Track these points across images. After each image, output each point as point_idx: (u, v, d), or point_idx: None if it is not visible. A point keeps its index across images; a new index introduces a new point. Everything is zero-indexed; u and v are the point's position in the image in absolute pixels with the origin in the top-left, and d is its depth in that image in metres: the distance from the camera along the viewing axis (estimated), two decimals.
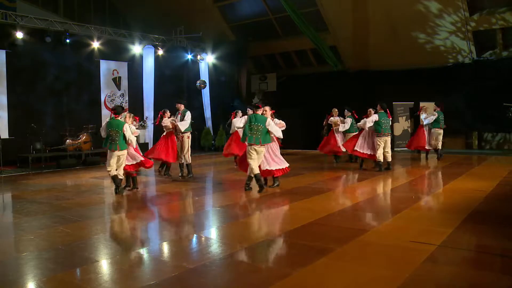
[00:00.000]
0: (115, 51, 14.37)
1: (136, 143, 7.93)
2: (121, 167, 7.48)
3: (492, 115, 14.08)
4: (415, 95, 14.91)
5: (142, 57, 15.06)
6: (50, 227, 5.27)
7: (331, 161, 12.18)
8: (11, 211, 6.62)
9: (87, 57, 13.58)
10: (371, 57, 16.19)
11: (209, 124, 17.37)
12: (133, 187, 7.94)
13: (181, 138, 9.35)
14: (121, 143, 7.34)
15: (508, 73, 13.53)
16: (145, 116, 14.15)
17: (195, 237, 4.95)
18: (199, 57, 16.60)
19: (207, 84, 16.25)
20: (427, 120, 12.24)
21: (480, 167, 10.92)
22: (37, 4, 14.90)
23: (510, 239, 4.56)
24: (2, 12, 11.70)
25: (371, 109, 10.23)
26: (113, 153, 7.33)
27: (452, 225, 5.00)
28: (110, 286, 3.48)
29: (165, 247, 4.58)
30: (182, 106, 9.44)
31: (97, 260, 4.11)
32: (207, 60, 17.15)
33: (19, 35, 11.75)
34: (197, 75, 16.81)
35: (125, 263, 4.07)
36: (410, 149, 13.30)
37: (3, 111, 11.85)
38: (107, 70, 14.36)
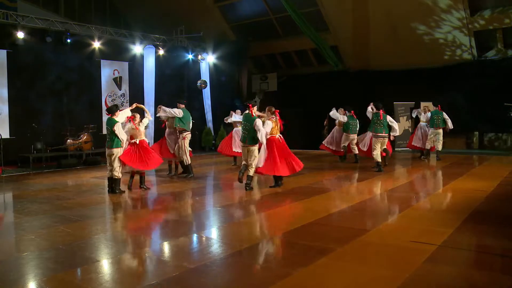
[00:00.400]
0: (116, 51, 14.37)
1: (126, 142, 7.68)
2: (116, 167, 7.43)
3: (492, 115, 14.08)
4: (416, 95, 14.90)
5: (142, 57, 15.05)
6: (50, 227, 5.27)
7: (332, 161, 12.22)
8: (12, 210, 6.63)
9: (88, 57, 13.57)
10: (372, 57, 16.20)
11: (210, 124, 17.37)
12: (141, 186, 7.94)
13: (181, 137, 9.32)
14: (114, 142, 7.40)
15: (509, 72, 13.52)
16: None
17: (195, 237, 4.95)
18: (199, 57, 16.59)
19: (208, 84, 16.25)
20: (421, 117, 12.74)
21: (480, 167, 10.91)
22: (38, 4, 14.91)
23: (510, 239, 4.56)
24: (3, 12, 11.70)
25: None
26: (108, 151, 7.46)
27: (452, 225, 5.00)
28: (110, 286, 3.48)
29: (166, 247, 4.59)
30: (182, 106, 9.42)
31: (98, 260, 4.12)
32: (208, 60, 17.14)
33: (20, 35, 11.75)
34: (198, 75, 16.80)
35: (126, 263, 4.08)
36: (410, 148, 13.40)
37: (4, 110, 11.86)
38: (107, 70, 14.36)
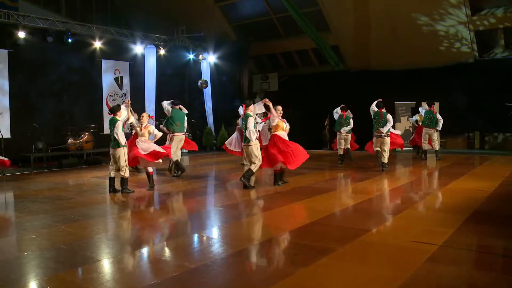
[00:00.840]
0: (117, 51, 14.38)
1: (124, 141, 7.49)
2: (123, 167, 7.41)
3: (494, 115, 14.07)
4: (417, 95, 14.89)
5: (144, 57, 15.05)
6: (51, 227, 5.28)
7: (333, 161, 12.21)
8: (13, 210, 6.64)
9: (89, 56, 13.58)
10: (373, 56, 16.19)
11: (211, 124, 17.37)
12: (149, 186, 7.92)
13: (168, 137, 9.50)
14: (115, 142, 7.37)
15: (510, 72, 13.50)
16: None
17: (196, 237, 4.95)
18: (200, 56, 16.59)
19: (209, 83, 16.26)
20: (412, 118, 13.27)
21: (481, 167, 10.90)
22: (39, 3, 14.91)
23: (511, 239, 4.55)
24: (4, 11, 11.71)
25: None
26: (112, 151, 7.44)
27: (453, 225, 5.00)
28: (111, 285, 3.49)
29: (167, 247, 4.59)
30: (176, 107, 9.54)
31: (99, 259, 4.12)
32: (209, 59, 17.13)
33: (21, 34, 11.76)
34: (199, 75, 16.80)
35: (127, 262, 4.08)
36: (410, 144, 13.61)
37: (5, 110, 11.87)
38: (109, 69, 14.37)
